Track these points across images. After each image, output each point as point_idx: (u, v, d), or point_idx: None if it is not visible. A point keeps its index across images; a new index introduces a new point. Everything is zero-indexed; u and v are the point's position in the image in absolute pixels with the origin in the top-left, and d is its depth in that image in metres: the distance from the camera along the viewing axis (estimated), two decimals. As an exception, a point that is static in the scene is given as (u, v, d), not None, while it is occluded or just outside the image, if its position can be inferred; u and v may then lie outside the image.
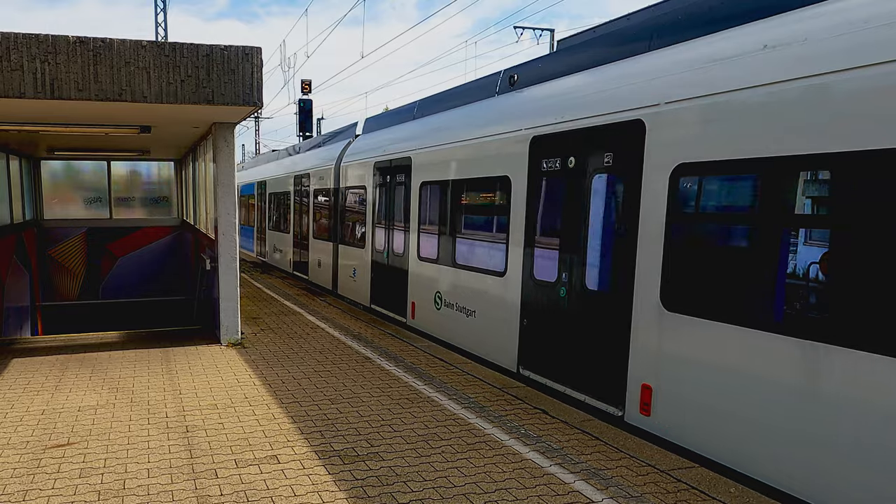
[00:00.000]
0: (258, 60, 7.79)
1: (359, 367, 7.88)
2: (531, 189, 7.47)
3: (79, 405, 6.40)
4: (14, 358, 8.33)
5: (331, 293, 14.73)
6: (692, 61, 5.57)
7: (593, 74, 6.98)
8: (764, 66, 4.81)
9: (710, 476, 4.85)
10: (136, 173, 16.89)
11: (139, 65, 7.36)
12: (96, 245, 16.22)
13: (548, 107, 7.43)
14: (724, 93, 5.06)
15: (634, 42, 6.71)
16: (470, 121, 9.28)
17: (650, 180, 5.72)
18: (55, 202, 16.18)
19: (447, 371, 7.78)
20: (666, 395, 5.59)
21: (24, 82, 7.01)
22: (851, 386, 4.15)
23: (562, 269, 6.92)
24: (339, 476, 4.79)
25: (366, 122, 14.82)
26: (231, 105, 7.76)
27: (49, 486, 4.61)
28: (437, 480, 4.74)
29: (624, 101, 6.12)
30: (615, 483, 4.73)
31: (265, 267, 20.39)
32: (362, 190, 12.89)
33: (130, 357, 8.35)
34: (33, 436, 5.58)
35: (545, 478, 4.81)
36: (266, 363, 8.05)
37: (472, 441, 5.52)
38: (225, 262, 9.06)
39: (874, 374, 4.02)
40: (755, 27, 5.17)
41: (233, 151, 9.04)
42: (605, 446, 5.43)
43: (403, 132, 11.70)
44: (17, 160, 13.95)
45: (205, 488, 4.58)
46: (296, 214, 17.84)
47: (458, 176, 9.12)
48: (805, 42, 4.59)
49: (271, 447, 5.34)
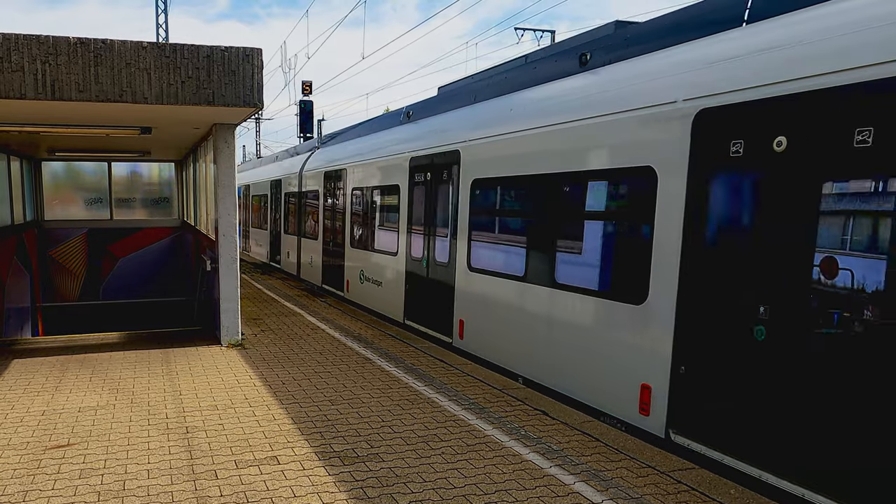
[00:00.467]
0: (259, 62, 7.80)
1: (359, 368, 7.88)
2: (410, 193, 10.68)
3: (79, 406, 6.40)
4: (14, 359, 8.33)
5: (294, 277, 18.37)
6: (480, 116, 9.01)
7: (443, 117, 10.44)
8: (508, 122, 7.98)
9: (711, 477, 4.85)
10: (136, 174, 16.90)
11: (140, 66, 7.37)
12: (97, 246, 16.23)
13: (419, 136, 10.67)
14: (490, 137, 8.31)
15: (465, 96, 10.20)
16: (375, 144, 12.80)
17: (462, 188, 8.83)
18: (56, 203, 16.19)
19: (447, 372, 7.78)
20: (468, 324, 8.78)
21: (24, 83, 7.01)
22: (559, 312, 6.96)
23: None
24: (339, 477, 4.79)
25: (322, 138, 19.32)
26: (232, 106, 7.77)
27: (49, 487, 4.61)
28: (437, 482, 4.74)
29: (451, 138, 9.40)
30: (615, 484, 4.73)
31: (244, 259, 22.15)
32: (316, 192, 16.35)
33: (131, 358, 8.35)
34: (33, 436, 5.58)
35: (545, 479, 4.81)
36: (266, 364, 8.05)
37: (473, 442, 5.52)
38: (225, 262, 9.06)
39: (567, 303, 6.87)
40: (505, 99, 8.56)
41: (233, 152, 9.04)
42: (605, 448, 5.42)
43: (340, 150, 15.34)
44: (17, 161, 13.97)
45: (205, 489, 4.58)
46: (272, 213, 21.31)
47: (366, 185, 12.15)
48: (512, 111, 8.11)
49: (271, 448, 5.34)
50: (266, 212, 22.30)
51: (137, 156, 15.08)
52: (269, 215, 21.90)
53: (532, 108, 7.76)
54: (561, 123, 6.98)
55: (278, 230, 20.63)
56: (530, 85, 8.33)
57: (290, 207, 19.07)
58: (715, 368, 5.15)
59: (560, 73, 7.77)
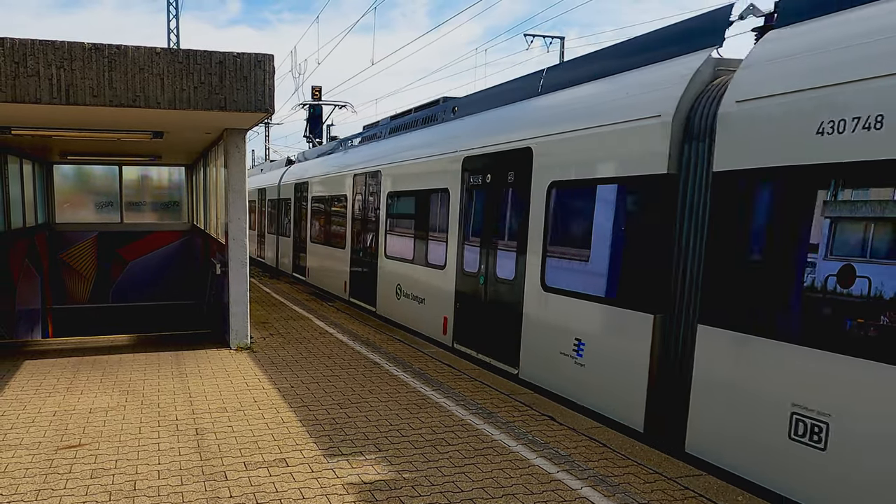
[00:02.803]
0: (270, 67, 7.88)
1: (367, 372, 7.91)
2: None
3: (90, 407, 6.46)
4: (26, 360, 8.41)
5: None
6: (391, 146, 12.44)
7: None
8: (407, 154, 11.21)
9: (718, 484, 4.85)
10: (147, 178, 17.04)
11: (153, 71, 7.46)
12: (107, 249, 16.35)
13: (365, 160, 13.21)
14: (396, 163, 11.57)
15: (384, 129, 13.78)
16: (334, 162, 16.03)
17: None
18: (67, 206, 16.33)
19: (455, 377, 7.80)
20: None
21: (40, 88, 7.11)
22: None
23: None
24: (347, 480, 4.82)
25: (297, 155, 22.43)
26: (243, 111, 7.84)
27: (61, 487, 4.66)
28: (444, 485, 4.77)
29: (375, 162, 12.62)
30: (622, 490, 4.74)
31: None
32: (289, 199, 19.49)
33: (141, 360, 8.42)
34: (45, 437, 5.64)
35: (552, 484, 4.83)
36: (275, 367, 8.10)
37: (480, 447, 5.54)
38: (235, 266, 9.12)
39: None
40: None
41: (244, 157, 9.13)
42: (613, 453, 5.44)
43: (306, 166, 19.02)
44: (30, 164, 14.11)
45: (215, 490, 4.63)
46: (259, 216, 24.35)
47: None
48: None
49: (280, 450, 5.38)
50: (253, 215, 25.07)
51: (148, 160, 15.20)
52: (255, 218, 24.83)
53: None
54: (327, 174, 14.32)
55: (263, 231, 23.55)
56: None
57: (272, 211, 22.23)
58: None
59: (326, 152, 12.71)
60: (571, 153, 7.04)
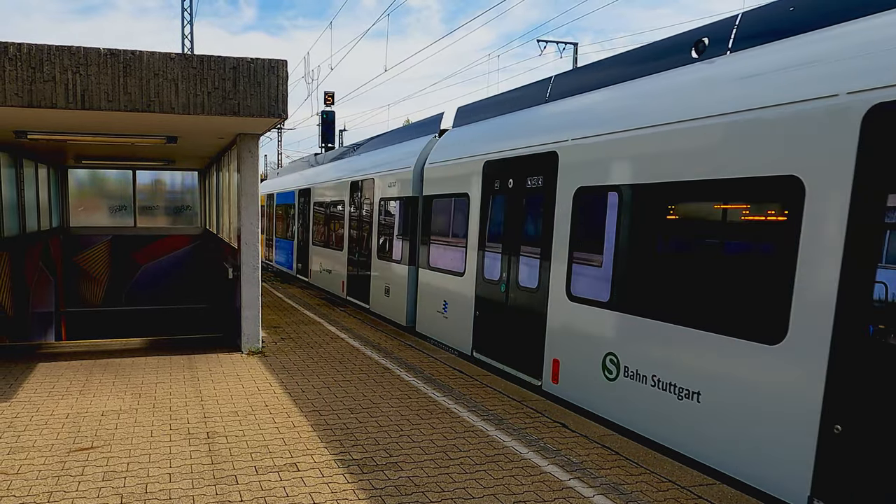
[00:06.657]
0: (284, 73, 7.91)
1: (378, 378, 7.90)
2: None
3: (102, 410, 6.49)
4: (40, 362, 8.47)
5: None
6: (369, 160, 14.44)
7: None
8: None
9: (732, 493, 4.80)
10: (160, 182, 17.18)
11: (168, 76, 7.51)
12: (120, 253, 16.48)
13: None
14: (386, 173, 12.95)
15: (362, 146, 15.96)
16: (321, 172, 17.63)
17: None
18: (81, 210, 16.48)
19: (466, 383, 7.78)
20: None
21: (56, 93, 7.18)
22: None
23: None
24: (358, 485, 4.81)
25: (286, 164, 25.78)
26: (256, 117, 7.88)
27: (73, 489, 4.68)
28: (455, 491, 4.74)
29: (362, 172, 14.32)
30: (634, 498, 4.70)
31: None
32: (284, 206, 21.66)
33: (153, 363, 8.46)
34: (58, 439, 5.67)
35: (564, 491, 4.79)
36: (286, 372, 8.11)
37: (491, 453, 5.51)
38: (247, 271, 9.15)
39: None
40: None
41: (257, 162, 9.17)
42: (625, 461, 5.39)
43: (296, 173, 21.91)
44: (45, 168, 14.24)
45: (225, 494, 4.63)
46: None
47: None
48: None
49: (291, 455, 5.38)
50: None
51: (161, 164, 15.32)
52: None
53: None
54: (324, 181, 16.55)
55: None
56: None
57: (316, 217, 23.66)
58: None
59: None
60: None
